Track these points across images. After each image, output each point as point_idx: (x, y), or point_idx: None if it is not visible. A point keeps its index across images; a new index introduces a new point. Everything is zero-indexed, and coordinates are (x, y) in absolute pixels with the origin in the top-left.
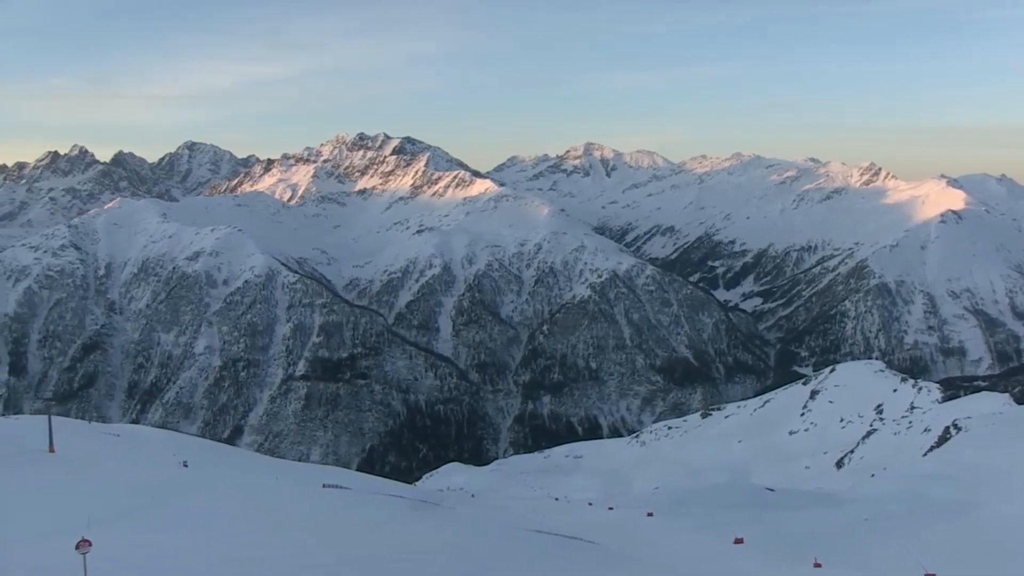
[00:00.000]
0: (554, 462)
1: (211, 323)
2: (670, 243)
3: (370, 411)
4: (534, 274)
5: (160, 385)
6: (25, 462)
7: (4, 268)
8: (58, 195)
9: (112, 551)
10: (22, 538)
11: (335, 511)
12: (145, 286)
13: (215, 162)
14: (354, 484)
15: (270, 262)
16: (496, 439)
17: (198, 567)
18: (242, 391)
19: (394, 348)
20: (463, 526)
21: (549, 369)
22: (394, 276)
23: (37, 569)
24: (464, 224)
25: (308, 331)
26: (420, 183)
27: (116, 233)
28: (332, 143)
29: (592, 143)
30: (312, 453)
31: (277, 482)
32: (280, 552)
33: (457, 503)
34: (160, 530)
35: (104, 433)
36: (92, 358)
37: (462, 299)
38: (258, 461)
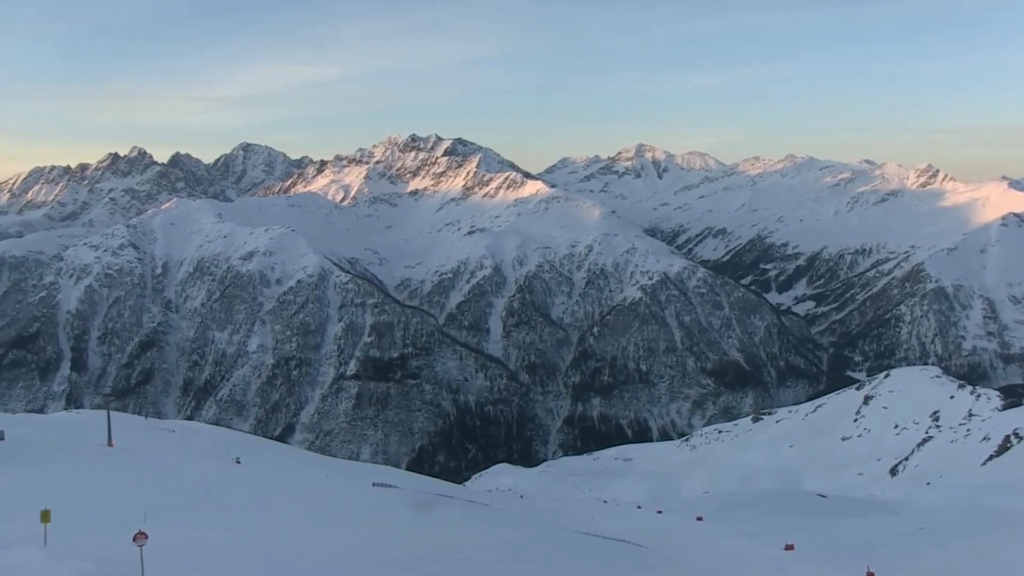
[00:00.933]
0: (603, 464)
1: (264, 322)
2: (722, 245)
3: (420, 411)
4: (585, 276)
5: (214, 382)
6: (86, 455)
7: (67, 267)
8: (118, 195)
9: (167, 544)
10: (83, 528)
11: (383, 510)
12: (200, 285)
13: (269, 163)
14: (403, 483)
15: (322, 262)
16: (545, 440)
17: (250, 562)
18: (294, 389)
19: (444, 348)
20: (511, 527)
21: (599, 371)
22: (445, 277)
23: (98, 559)
24: (515, 225)
25: (360, 331)
26: (471, 184)
27: (173, 233)
28: (384, 144)
29: (644, 144)
30: (362, 452)
31: (327, 480)
32: (330, 549)
33: (506, 504)
34: (213, 525)
35: (160, 429)
36: (149, 355)
37: (513, 300)
38: (309, 459)
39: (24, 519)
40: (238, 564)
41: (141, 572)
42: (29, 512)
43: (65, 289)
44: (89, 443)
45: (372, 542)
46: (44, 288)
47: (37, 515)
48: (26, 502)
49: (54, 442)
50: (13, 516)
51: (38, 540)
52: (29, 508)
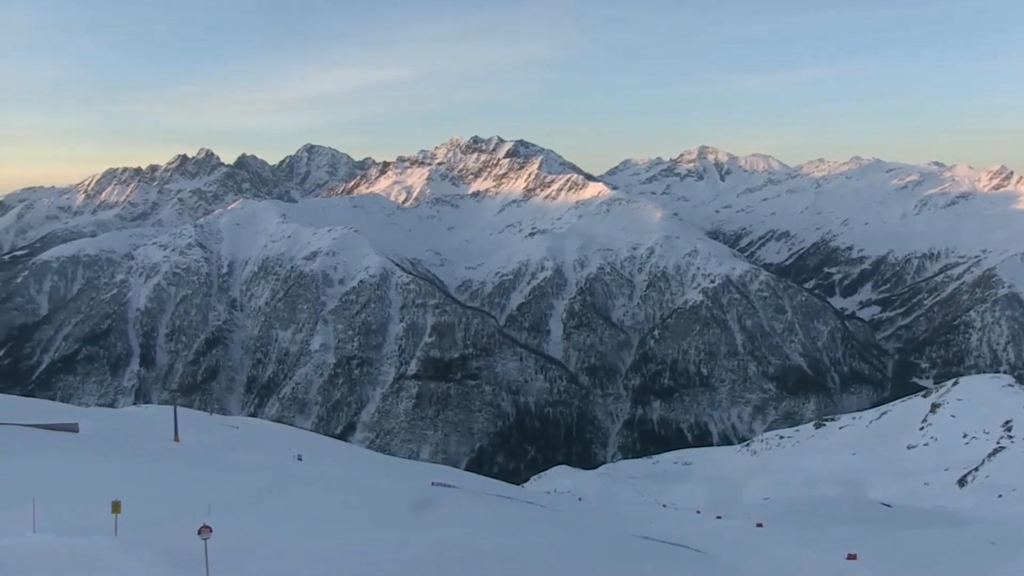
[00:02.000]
0: (662, 468)
1: (327, 321)
2: (785, 249)
3: (480, 411)
4: (646, 278)
5: (277, 380)
6: (153, 449)
7: (137, 266)
8: (186, 196)
9: (230, 538)
10: (150, 520)
11: (442, 509)
12: (265, 284)
13: (333, 164)
14: (462, 483)
15: (384, 263)
16: (605, 443)
17: (310, 557)
18: (355, 388)
19: (505, 350)
20: (569, 529)
21: (659, 374)
22: (506, 278)
23: (165, 550)
24: (576, 227)
25: (421, 331)
26: (533, 186)
27: (238, 233)
28: (446, 146)
29: (706, 146)
30: (422, 451)
31: (387, 478)
32: (389, 547)
33: (564, 506)
34: (275, 520)
35: (224, 425)
36: (214, 352)
37: (573, 302)
38: (369, 457)
39: (96, 509)
40: (298, 558)
41: (205, 564)
42: (101, 502)
43: (135, 287)
44: (156, 437)
45: (428, 541)
46: (115, 286)
47: (108, 505)
48: (98, 492)
49: (124, 436)
50: (86, 505)
51: (109, 529)
52: (101, 498)
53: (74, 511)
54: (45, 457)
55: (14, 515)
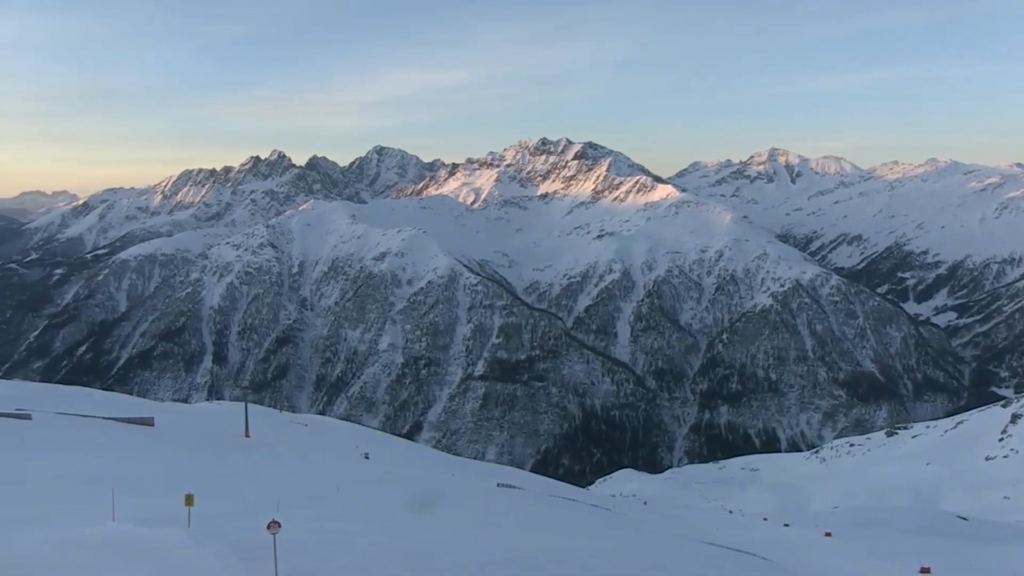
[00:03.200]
0: (729, 474)
1: (395, 321)
2: (857, 252)
3: (546, 413)
4: (714, 281)
5: (346, 379)
6: (224, 445)
7: (211, 265)
8: (258, 197)
9: (298, 534)
10: (221, 513)
11: (508, 510)
12: (334, 284)
13: (402, 166)
14: (527, 485)
15: (453, 264)
16: (671, 447)
17: (376, 554)
18: (422, 388)
19: (572, 352)
20: (634, 533)
21: (727, 379)
22: (574, 280)
23: (235, 543)
24: (645, 229)
25: (488, 332)
26: (601, 188)
27: (309, 233)
28: (515, 148)
29: (776, 148)
30: (488, 452)
31: (453, 478)
32: (453, 547)
33: (629, 510)
34: (342, 517)
35: (293, 422)
36: (284, 351)
37: (641, 305)
38: (435, 457)
39: (170, 501)
40: (364, 556)
41: (274, 559)
42: (175, 495)
43: (209, 286)
44: (228, 433)
45: (494, 541)
46: (190, 284)
47: (182, 498)
48: (172, 485)
49: (197, 430)
50: (161, 497)
51: (182, 521)
52: (175, 491)
53: (149, 502)
54: (123, 449)
55: (95, 504)
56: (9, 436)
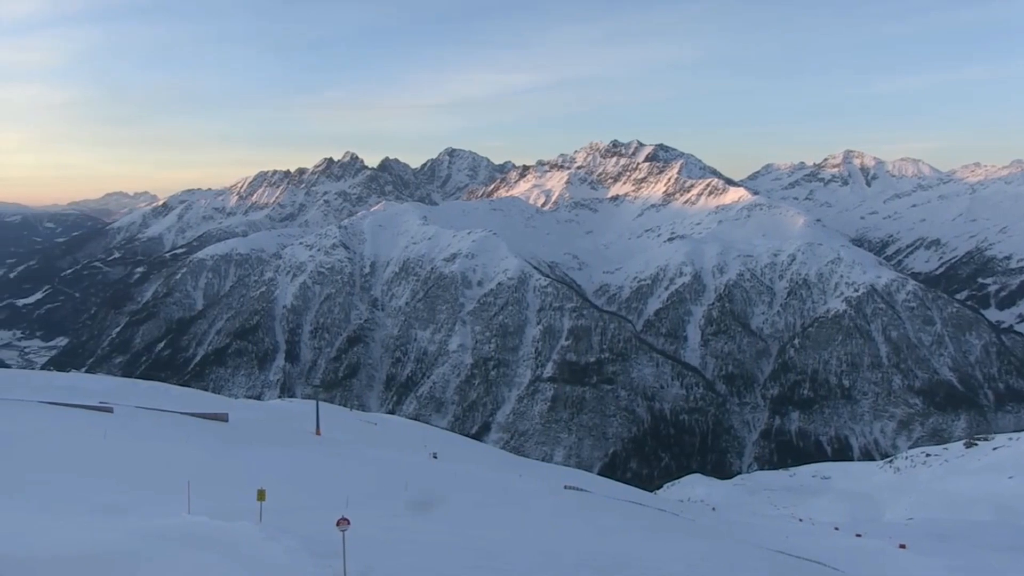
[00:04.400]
0: (799, 481)
1: (465, 322)
2: (935, 257)
3: (615, 416)
4: (787, 286)
5: (415, 379)
6: (296, 441)
7: (284, 264)
8: (331, 198)
9: (368, 531)
10: (292, 508)
11: (575, 513)
12: (405, 284)
13: (473, 168)
14: (595, 488)
15: (523, 265)
16: (740, 453)
17: (443, 554)
18: (491, 389)
19: (641, 355)
20: (702, 539)
21: (799, 384)
22: (644, 283)
23: (305, 539)
24: (716, 232)
25: (557, 334)
26: (672, 190)
27: (380, 234)
28: (586, 150)
29: (851, 151)
30: (555, 454)
31: (520, 480)
32: (520, 548)
33: (697, 515)
34: (410, 515)
35: (363, 421)
36: (355, 350)
37: (711, 309)
38: (503, 458)
39: (243, 495)
40: (431, 555)
41: (343, 556)
42: (247, 489)
43: (282, 285)
44: (299, 430)
45: (561, 543)
46: (264, 284)
47: (254, 492)
48: (245, 479)
49: (269, 427)
50: (234, 491)
51: (254, 516)
52: (247, 485)
53: (223, 496)
54: (198, 444)
55: (172, 496)
56: (93, 428)
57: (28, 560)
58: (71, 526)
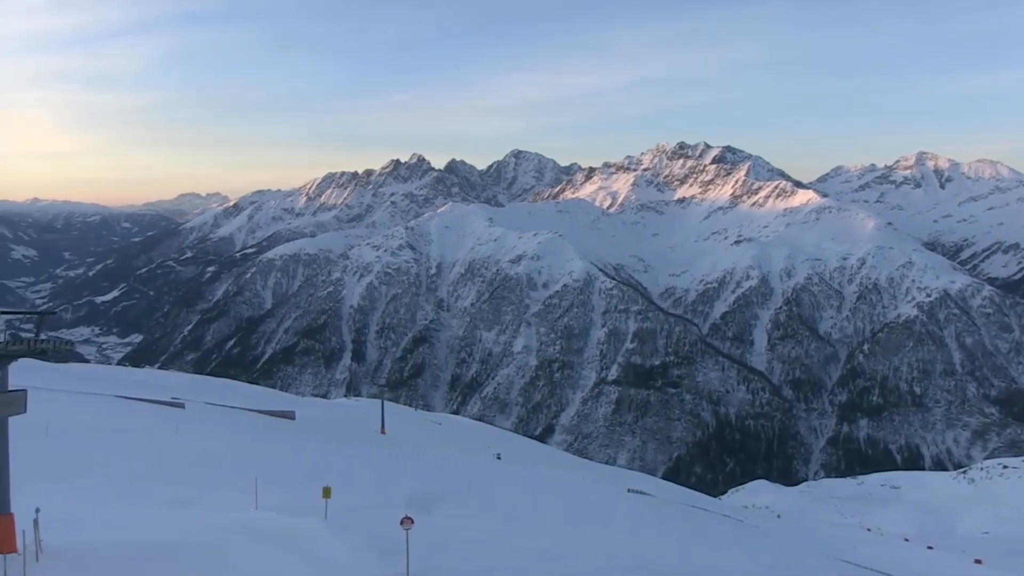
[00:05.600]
0: (868, 490)
1: (530, 324)
2: (1013, 262)
3: (679, 420)
4: (856, 290)
5: (480, 380)
6: (361, 439)
7: (352, 265)
8: (398, 199)
9: (431, 531)
10: (356, 506)
11: (638, 516)
12: (471, 286)
13: (539, 169)
14: (658, 491)
15: (588, 267)
16: (807, 459)
17: (506, 555)
18: (555, 391)
19: (707, 359)
20: (766, 546)
21: (868, 391)
22: (710, 286)
23: (369, 536)
24: (784, 236)
25: (622, 337)
26: (739, 193)
27: (447, 235)
28: (652, 152)
29: (925, 152)
30: (619, 457)
31: (583, 482)
32: (581, 550)
33: (761, 522)
34: (473, 515)
35: (428, 421)
36: (421, 350)
37: (779, 312)
38: (566, 460)
39: (309, 492)
40: (494, 554)
41: (406, 554)
42: (313, 486)
43: (349, 285)
44: (364, 428)
45: (623, 547)
46: (331, 284)
47: (319, 490)
48: (311, 477)
49: (335, 425)
50: (300, 488)
51: (320, 512)
52: (313, 483)
53: (289, 492)
54: (266, 441)
55: (240, 492)
56: (165, 423)
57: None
58: (144, 517)
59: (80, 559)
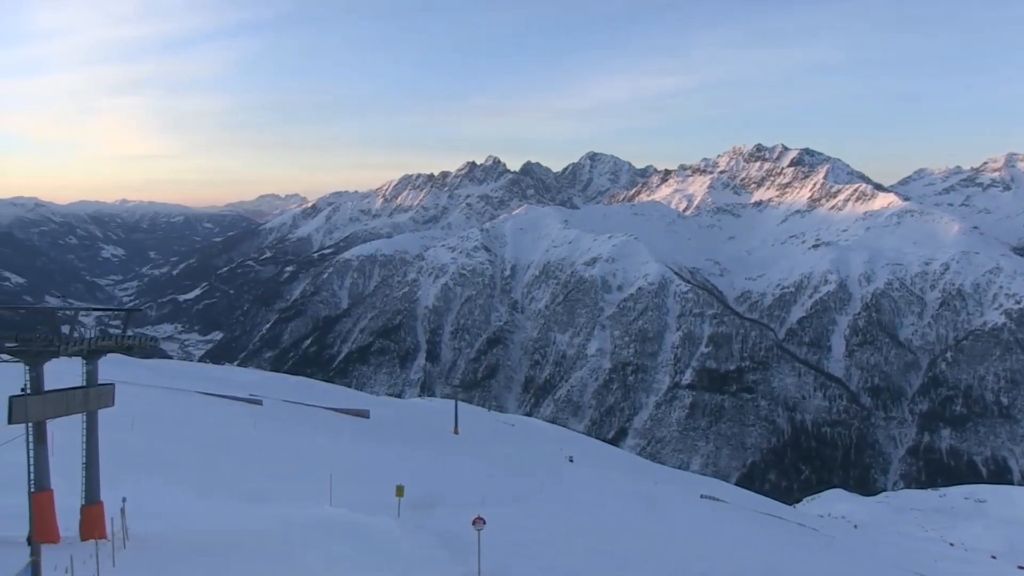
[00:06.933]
0: (950, 503)
1: (604, 327)
2: None
3: (754, 426)
4: (939, 296)
5: (553, 382)
6: (434, 439)
7: (427, 266)
8: (473, 201)
9: (502, 531)
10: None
11: (711, 522)
12: (545, 288)
13: (614, 172)
14: (732, 498)
15: (663, 271)
16: (885, 469)
17: (578, 557)
18: (629, 395)
19: (783, 364)
20: (841, 557)
21: (951, 400)
22: (787, 291)
23: (441, 535)
24: (863, 240)
25: (697, 341)
26: (818, 196)
27: (521, 237)
28: (729, 154)
29: (1015, 153)
30: (692, 462)
31: (656, 487)
32: (652, 555)
33: (838, 532)
34: (545, 516)
35: (500, 422)
36: (494, 352)
37: (857, 318)
38: (638, 464)
39: (382, 490)
40: (566, 557)
41: (477, 554)
42: (386, 484)
43: (424, 286)
44: (438, 428)
45: (693, 552)
46: (407, 285)
47: (393, 488)
48: (384, 475)
49: (409, 424)
50: (373, 485)
51: (392, 510)
52: (386, 481)
53: (363, 490)
54: (341, 438)
55: (315, 488)
56: (244, 419)
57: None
58: (222, 509)
59: (163, 546)
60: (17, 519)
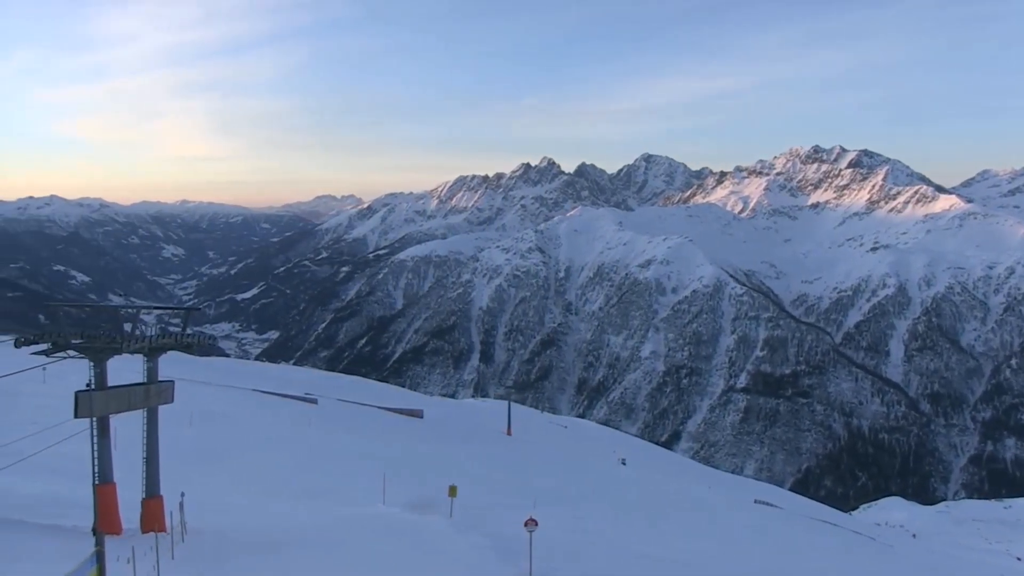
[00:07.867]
0: (1017, 515)
1: (658, 329)
2: None
3: (809, 431)
4: (1003, 301)
5: (606, 384)
6: (487, 439)
7: (481, 267)
8: (528, 202)
9: (554, 533)
10: (481, 505)
11: (765, 528)
12: (599, 289)
13: (669, 174)
14: (786, 504)
15: (718, 273)
16: (945, 478)
17: (629, 561)
18: (683, 398)
19: (839, 369)
20: (901, 567)
21: (1016, 408)
22: (844, 294)
23: (493, 536)
24: (923, 243)
25: (752, 344)
26: (876, 198)
27: (576, 239)
28: (785, 156)
29: None
30: (746, 467)
31: (709, 491)
32: (706, 560)
33: (895, 541)
34: (597, 519)
35: (553, 423)
36: (548, 353)
37: (917, 323)
38: (692, 468)
39: (435, 489)
40: (617, 560)
41: (529, 556)
42: (439, 484)
43: (478, 287)
44: (490, 429)
45: (747, 558)
46: (461, 285)
47: (446, 487)
48: (437, 474)
49: (462, 424)
50: (426, 485)
51: (445, 510)
52: (439, 480)
53: (416, 489)
54: (395, 438)
55: (368, 486)
56: (299, 417)
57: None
58: (277, 505)
59: (219, 541)
60: (83, 509)
